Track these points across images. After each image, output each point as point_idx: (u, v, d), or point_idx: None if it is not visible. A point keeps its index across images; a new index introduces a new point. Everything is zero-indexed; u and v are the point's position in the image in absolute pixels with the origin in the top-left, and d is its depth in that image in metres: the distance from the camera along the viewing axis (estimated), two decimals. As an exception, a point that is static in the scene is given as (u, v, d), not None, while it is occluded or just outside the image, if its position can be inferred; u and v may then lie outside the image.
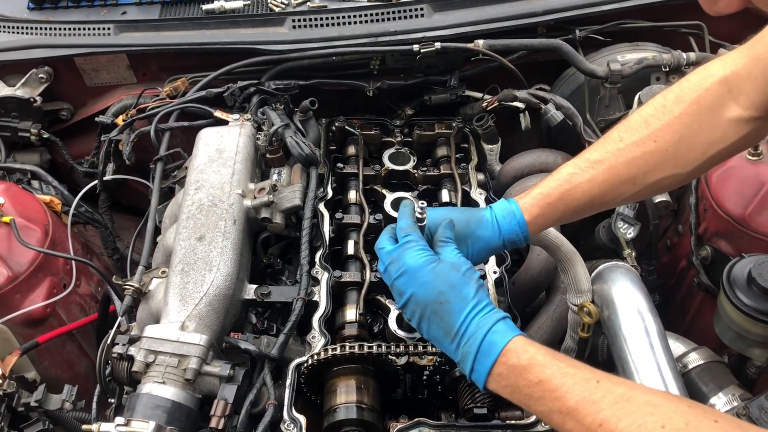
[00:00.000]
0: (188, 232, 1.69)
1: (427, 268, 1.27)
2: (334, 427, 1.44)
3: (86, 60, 2.31)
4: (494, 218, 1.42)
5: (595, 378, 1.07)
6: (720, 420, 0.95)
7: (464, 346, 1.21)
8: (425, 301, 1.25)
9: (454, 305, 1.23)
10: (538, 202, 1.42)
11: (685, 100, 1.37)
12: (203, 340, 1.50)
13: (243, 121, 2.00)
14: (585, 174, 1.40)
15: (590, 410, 1.02)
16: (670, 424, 0.95)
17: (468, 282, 1.25)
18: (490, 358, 1.17)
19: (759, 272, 1.54)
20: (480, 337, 1.19)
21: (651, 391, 1.07)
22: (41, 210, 2.06)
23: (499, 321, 1.21)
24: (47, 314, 1.92)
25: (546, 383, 1.10)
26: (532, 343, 1.17)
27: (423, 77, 2.25)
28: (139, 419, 1.39)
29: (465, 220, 1.42)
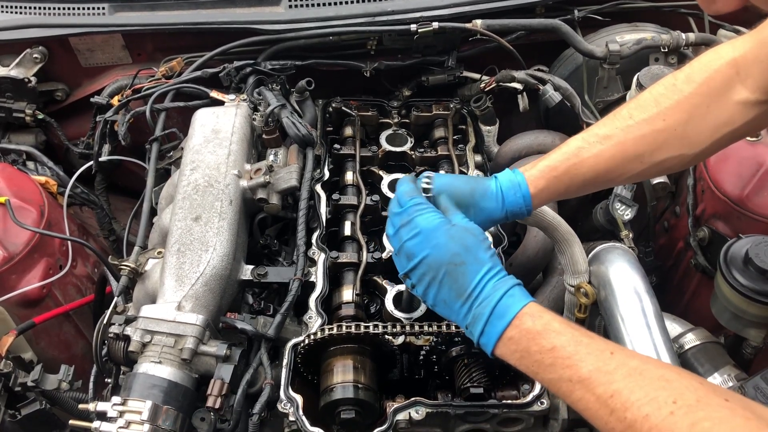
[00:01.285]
0: (184, 213, 1.68)
1: (442, 229, 1.25)
2: (330, 406, 1.44)
3: (81, 40, 2.29)
4: (499, 189, 1.40)
5: (609, 349, 1.06)
6: (730, 399, 0.95)
7: (477, 307, 1.19)
8: (439, 262, 1.23)
9: (469, 266, 1.21)
10: (545, 175, 1.40)
11: (695, 81, 1.36)
12: (200, 320, 1.50)
13: (239, 101, 1.98)
14: (593, 149, 1.39)
15: (603, 380, 1.02)
16: (682, 400, 0.95)
17: (483, 246, 1.25)
18: (504, 320, 1.15)
19: (756, 252, 1.54)
20: (495, 299, 1.18)
21: (664, 365, 1.07)
22: (37, 191, 2.05)
23: (515, 286, 1.20)
24: (43, 295, 1.92)
25: (559, 350, 1.09)
26: (547, 311, 1.16)
27: (420, 58, 2.24)
28: (135, 399, 1.39)
29: (469, 189, 1.40)
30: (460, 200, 1.38)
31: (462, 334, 1.48)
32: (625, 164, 1.40)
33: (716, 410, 0.93)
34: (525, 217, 1.45)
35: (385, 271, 1.75)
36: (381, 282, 1.72)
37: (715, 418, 0.92)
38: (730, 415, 0.92)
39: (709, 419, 0.92)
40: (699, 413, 0.93)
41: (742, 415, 0.92)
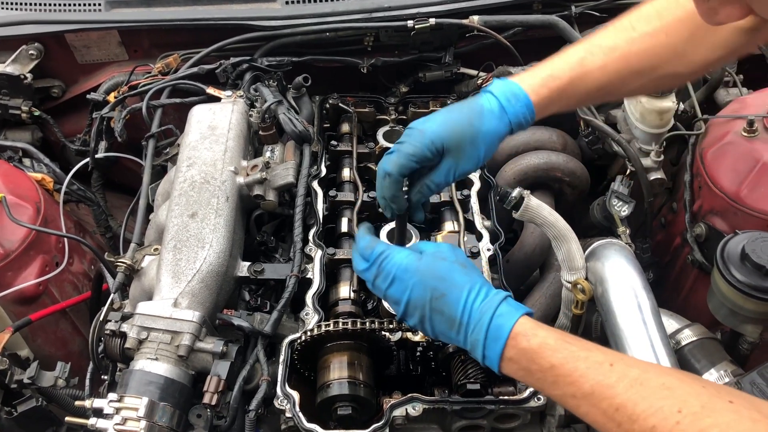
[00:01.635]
0: (180, 209, 1.68)
1: (412, 268, 1.24)
2: (327, 402, 1.44)
3: (77, 36, 2.28)
4: (497, 105, 1.33)
5: (608, 361, 1.05)
6: (735, 400, 0.95)
7: (471, 335, 1.18)
8: (422, 302, 1.22)
9: (450, 296, 1.20)
10: (547, 84, 1.35)
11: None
12: (196, 316, 1.49)
13: (235, 97, 1.98)
14: (598, 60, 1.35)
15: (606, 395, 1.01)
16: (686, 408, 0.94)
17: (456, 268, 1.23)
18: (500, 342, 1.15)
19: (752, 248, 1.54)
20: (485, 323, 1.16)
21: (665, 372, 1.06)
22: (33, 188, 2.05)
23: (501, 303, 1.18)
24: (40, 292, 1.92)
25: (558, 368, 1.08)
26: (541, 326, 1.15)
27: (417, 54, 2.23)
28: (132, 395, 1.39)
29: (467, 121, 1.32)
30: (462, 135, 1.31)
31: (459, 330, 1.48)
32: (628, 78, 1.38)
33: (722, 415, 0.93)
34: (528, 125, 1.39)
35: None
36: (378, 279, 1.72)
37: (722, 423, 0.91)
38: (737, 418, 0.92)
39: (717, 425, 0.91)
40: (706, 420, 0.92)
41: (749, 417, 0.91)
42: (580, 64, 1.35)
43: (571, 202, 2.12)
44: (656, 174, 1.97)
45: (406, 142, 1.33)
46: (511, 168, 2.04)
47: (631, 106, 1.96)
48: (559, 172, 2.02)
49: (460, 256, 1.27)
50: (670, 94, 1.89)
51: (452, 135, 1.31)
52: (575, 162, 2.05)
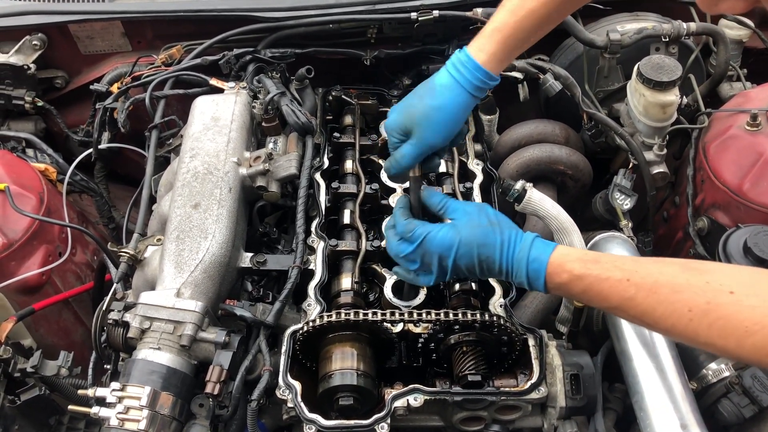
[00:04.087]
0: (183, 200, 1.68)
1: (454, 242, 1.39)
2: (329, 392, 1.45)
3: (80, 27, 2.28)
4: (449, 77, 1.44)
5: (625, 277, 1.23)
6: (735, 289, 1.12)
7: (517, 280, 1.38)
8: (472, 266, 1.40)
9: (493, 256, 1.38)
10: (494, 38, 1.43)
11: None
12: (199, 306, 1.50)
13: (239, 89, 1.98)
14: None
15: (629, 305, 1.22)
16: (695, 306, 1.14)
17: (489, 231, 1.39)
18: (540, 281, 1.34)
19: (755, 242, 1.54)
20: (524, 270, 1.35)
21: (674, 275, 1.20)
22: (36, 178, 2.05)
23: (531, 247, 1.36)
24: (43, 282, 1.92)
25: (588, 292, 1.29)
26: (568, 255, 1.33)
27: (421, 46, 2.23)
28: (134, 384, 1.40)
29: (418, 100, 1.45)
30: (415, 116, 1.43)
31: (460, 321, 1.49)
32: (557, 10, 1.46)
33: (725, 308, 1.11)
34: (494, 84, 1.49)
35: (384, 260, 1.75)
36: (380, 270, 1.72)
37: (725, 315, 1.11)
38: (739, 309, 1.10)
39: (721, 318, 1.11)
40: (711, 315, 1.12)
41: (748, 305, 1.09)
42: (521, 6, 1.43)
43: (573, 195, 2.12)
44: (659, 168, 1.97)
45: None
46: (514, 161, 2.04)
47: (635, 99, 1.96)
48: (561, 165, 2.02)
49: (490, 216, 1.43)
50: (674, 88, 1.89)
51: (407, 117, 1.45)
52: (578, 155, 2.05)
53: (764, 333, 1.07)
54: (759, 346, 1.08)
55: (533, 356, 1.51)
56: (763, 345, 1.07)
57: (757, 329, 1.07)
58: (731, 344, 1.10)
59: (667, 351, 1.51)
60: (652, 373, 1.48)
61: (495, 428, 1.51)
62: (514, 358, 1.56)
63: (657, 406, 1.44)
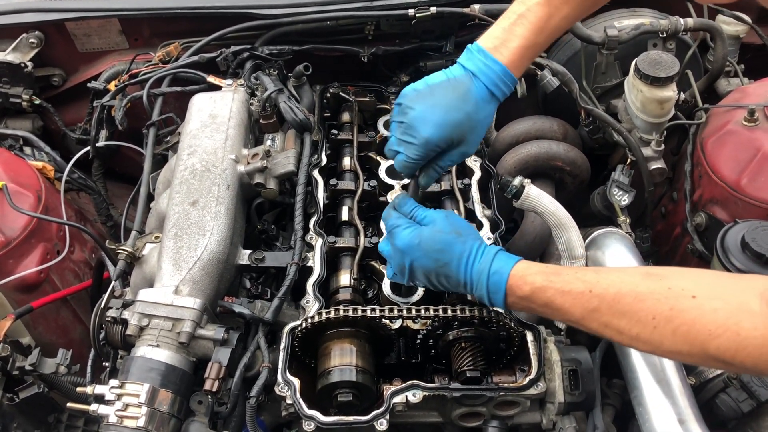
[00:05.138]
0: (181, 197, 1.68)
1: (414, 243, 1.39)
2: (328, 389, 1.45)
3: (77, 25, 2.28)
4: (488, 92, 1.43)
5: (588, 288, 1.23)
6: (697, 293, 1.12)
7: (476, 292, 1.37)
8: (428, 270, 1.40)
9: (452, 264, 1.37)
10: (523, 55, 1.44)
11: None
12: (197, 303, 1.50)
13: (236, 86, 1.98)
14: (561, 12, 1.41)
15: (593, 317, 1.22)
16: (658, 314, 1.14)
17: (451, 239, 1.38)
18: (500, 294, 1.33)
19: (753, 237, 1.55)
20: (484, 282, 1.34)
21: (635, 283, 1.19)
22: (34, 176, 2.05)
23: (493, 260, 1.35)
24: (41, 280, 1.92)
25: (551, 304, 1.28)
26: (529, 270, 1.32)
27: (418, 43, 2.23)
28: (133, 382, 1.40)
29: (465, 117, 1.42)
30: (463, 132, 1.42)
31: (459, 317, 1.49)
32: (586, 12, 1.47)
33: (688, 313, 1.11)
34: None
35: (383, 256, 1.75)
36: (378, 267, 1.73)
37: (689, 320, 1.11)
38: (701, 313, 1.10)
39: (685, 324, 1.11)
40: (675, 321, 1.12)
41: (710, 309, 1.10)
42: (546, 26, 1.42)
43: (571, 191, 2.12)
44: (657, 163, 1.97)
45: (410, 144, 1.44)
46: (512, 157, 2.04)
47: (632, 95, 1.96)
48: (559, 162, 2.02)
49: (456, 224, 1.41)
50: (671, 84, 1.89)
51: (454, 132, 1.42)
52: (576, 151, 2.05)
53: (728, 336, 1.07)
54: (723, 348, 1.08)
55: (532, 352, 1.51)
56: (727, 347, 1.07)
57: (720, 332, 1.07)
58: (696, 349, 1.11)
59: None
60: (651, 369, 1.48)
61: (494, 424, 1.51)
62: (513, 354, 1.56)
63: (655, 401, 1.44)
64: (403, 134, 1.45)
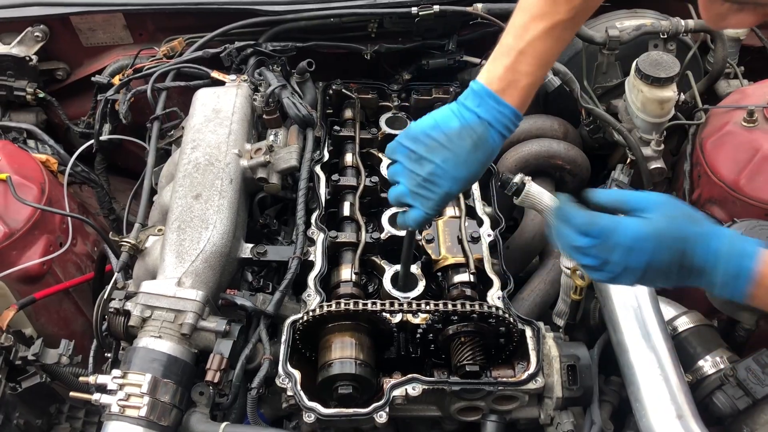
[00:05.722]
0: (185, 191, 1.69)
1: (648, 235, 1.18)
2: (328, 381, 1.46)
3: (82, 19, 2.29)
4: (501, 137, 1.37)
5: None
6: None
7: (712, 279, 1.18)
8: (667, 263, 1.19)
9: (696, 250, 1.17)
10: (529, 93, 1.38)
11: None
12: (199, 295, 1.51)
13: (240, 82, 1.99)
14: (562, 43, 1.37)
15: None
16: None
17: (686, 223, 1.20)
18: (743, 280, 1.15)
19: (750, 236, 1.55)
20: (725, 266, 1.15)
21: None
22: (37, 168, 2.06)
23: (735, 240, 1.18)
24: (44, 271, 1.93)
25: None
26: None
27: (421, 41, 2.25)
28: (135, 372, 1.41)
29: (481, 168, 1.38)
30: (478, 177, 1.39)
31: (459, 312, 1.50)
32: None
33: None
34: None
35: (384, 252, 1.77)
36: (379, 262, 1.74)
37: None
38: None
39: None
40: None
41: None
42: (550, 57, 1.37)
43: (571, 190, 2.12)
44: (656, 163, 1.98)
45: (429, 199, 1.36)
46: (513, 155, 2.05)
47: (632, 95, 1.98)
48: (560, 160, 2.03)
49: (685, 206, 1.25)
50: (671, 84, 1.90)
51: (472, 182, 1.43)
52: (576, 150, 2.06)
53: None
54: None
55: (530, 347, 1.52)
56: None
57: None
58: None
59: (663, 343, 1.53)
60: (648, 365, 1.49)
61: (492, 418, 1.52)
62: (512, 350, 1.57)
63: (653, 396, 1.45)
64: (419, 188, 1.36)
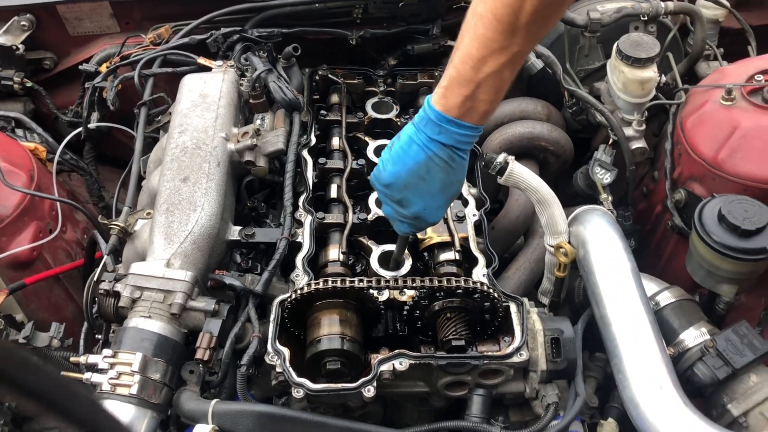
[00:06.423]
0: (172, 174, 1.71)
1: None
2: (316, 357, 1.48)
3: (68, 8, 2.30)
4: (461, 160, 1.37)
5: None
6: None
7: None
8: None
9: None
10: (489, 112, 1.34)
11: None
12: (188, 276, 1.53)
13: (226, 67, 2.01)
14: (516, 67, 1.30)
15: None
16: None
17: None
18: None
19: (728, 210, 1.59)
20: None
21: None
22: (26, 156, 2.06)
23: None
24: (34, 257, 1.94)
25: None
26: None
27: (406, 26, 2.26)
28: (126, 351, 1.43)
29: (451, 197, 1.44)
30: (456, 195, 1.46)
31: (444, 288, 1.52)
32: None
33: None
34: None
35: (371, 232, 1.79)
36: (366, 242, 1.76)
37: None
38: None
39: None
40: None
41: None
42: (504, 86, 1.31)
43: (555, 171, 2.16)
44: (638, 143, 2.01)
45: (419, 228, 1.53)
46: (497, 137, 2.08)
47: (614, 76, 2.01)
48: (543, 141, 2.06)
49: None
50: (652, 64, 1.93)
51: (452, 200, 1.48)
52: (559, 131, 2.09)
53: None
54: None
55: (515, 322, 1.54)
56: None
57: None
58: None
59: (645, 316, 1.55)
60: (631, 337, 1.52)
61: (479, 392, 1.54)
62: (497, 325, 1.60)
63: (635, 368, 1.48)
64: (409, 221, 1.48)
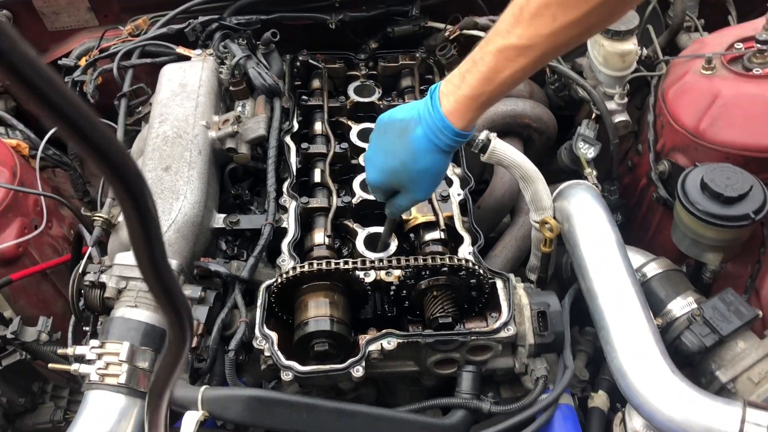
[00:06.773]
0: (154, 164, 1.71)
1: None
2: (304, 339, 1.48)
3: (45, 3, 2.28)
4: (430, 143, 1.34)
5: None
6: None
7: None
8: None
9: None
10: (470, 107, 1.30)
11: None
12: (173, 264, 1.53)
13: (205, 56, 2.00)
14: (513, 66, 1.22)
15: None
16: None
17: None
18: None
19: (711, 178, 1.59)
20: None
21: None
22: (8, 153, 2.05)
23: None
24: (19, 254, 1.93)
25: None
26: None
27: (385, 8, 2.25)
28: (113, 341, 1.43)
29: (401, 165, 1.38)
30: (401, 180, 1.41)
31: (429, 266, 1.52)
32: (540, 66, 1.31)
33: None
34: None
35: (356, 216, 1.79)
36: (352, 225, 1.76)
37: None
38: None
39: None
40: None
41: None
42: (495, 78, 1.25)
43: (539, 149, 2.16)
44: (621, 116, 2.01)
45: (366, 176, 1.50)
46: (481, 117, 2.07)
47: (594, 50, 2.00)
48: (526, 119, 2.06)
49: None
50: (632, 37, 1.93)
51: (391, 179, 1.42)
52: (542, 108, 2.09)
53: None
54: None
55: (502, 298, 1.55)
56: None
57: None
58: None
59: (631, 288, 1.56)
60: (617, 308, 1.53)
61: (469, 368, 1.55)
62: (484, 302, 1.60)
63: (622, 338, 1.48)
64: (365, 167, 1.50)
